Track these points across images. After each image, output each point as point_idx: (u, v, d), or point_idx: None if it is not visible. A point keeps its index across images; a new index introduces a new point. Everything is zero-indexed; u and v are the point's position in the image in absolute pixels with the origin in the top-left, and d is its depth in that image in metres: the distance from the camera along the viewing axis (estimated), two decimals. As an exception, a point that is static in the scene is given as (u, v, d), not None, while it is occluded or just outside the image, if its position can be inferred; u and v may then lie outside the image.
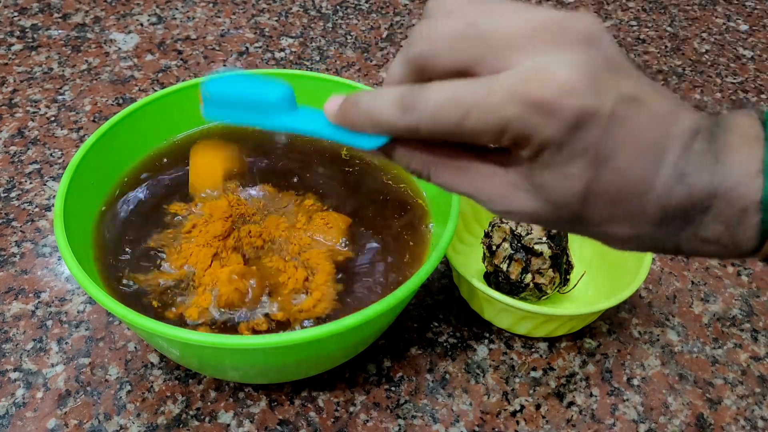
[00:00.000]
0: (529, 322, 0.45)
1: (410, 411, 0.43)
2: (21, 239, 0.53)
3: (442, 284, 0.52)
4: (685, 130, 0.23)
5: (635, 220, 0.24)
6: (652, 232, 0.24)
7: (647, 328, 0.50)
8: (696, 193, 0.23)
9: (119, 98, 0.67)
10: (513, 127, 0.22)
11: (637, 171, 0.23)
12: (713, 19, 0.88)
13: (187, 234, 0.43)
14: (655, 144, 0.23)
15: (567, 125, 0.22)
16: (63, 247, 0.37)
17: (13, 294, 0.49)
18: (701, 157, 0.23)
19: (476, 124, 0.22)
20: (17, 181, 0.57)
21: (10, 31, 0.76)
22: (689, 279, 0.54)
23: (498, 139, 0.23)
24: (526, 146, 0.23)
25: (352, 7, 0.85)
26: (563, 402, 0.45)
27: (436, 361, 0.46)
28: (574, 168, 0.23)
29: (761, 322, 0.51)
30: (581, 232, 0.26)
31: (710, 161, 0.23)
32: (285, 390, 0.44)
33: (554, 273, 0.46)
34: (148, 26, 0.78)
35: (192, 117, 0.50)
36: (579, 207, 0.24)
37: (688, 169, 0.23)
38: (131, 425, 0.41)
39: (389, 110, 0.24)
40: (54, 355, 0.45)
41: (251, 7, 0.83)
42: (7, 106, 0.65)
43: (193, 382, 0.44)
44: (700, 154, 0.23)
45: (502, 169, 0.25)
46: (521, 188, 0.24)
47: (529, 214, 0.25)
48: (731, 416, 0.45)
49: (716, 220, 0.23)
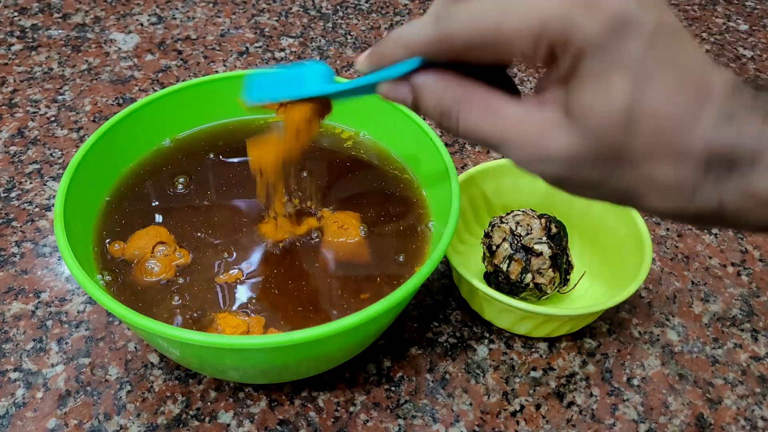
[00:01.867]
0: (529, 322, 0.45)
1: (410, 411, 0.43)
2: (21, 239, 0.53)
3: (442, 284, 0.52)
4: (728, 80, 0.22)
5: (680, 160, 0.22)
6: (695, 179, 0.23)
7: (647, 328, 0.50)
8: (746, 137, 0.22)
9: (119, 98, 0.67)
10: (553, 26, 0.21)
11: (682, 101, 0.22)
12: (713, 19, 0.88)
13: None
14: (698, 78, 0.22)
15: (609, 25, 0.21)
16: (63, 247, 0.37)
17: (13, 294, 0.49)
18: (750, 107, 0.22)
19: (515, 25, 0.21)
20: (17, 181, 0.57)
21: (10, 31, 0.76)
22: (689, 279, 0.54)
23: (536, 44, 0.22)
24: (564, 55, 0.22)
25: (352, 7, 0.85)
26: (563, 402, 0.45)
27: (436, 361, 0.46)
28: (615, 81, 0.21)
29: (761, 322, 0.51)
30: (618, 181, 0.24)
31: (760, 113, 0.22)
32: (285, 390, 0.44)
33: (554, 273, 0.46)
34: (148, 26, 0.78)
35: (192, 117, 0.50)
36: (620, 134, 0.22)
37: (738, 113, 0.22)
38: (131, 425, 0.41)
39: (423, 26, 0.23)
40: (54, 355, 0.45)
41: (251, 7, 0.83)
42: (7, 106, 0.65)
43: (193, 382, 0.44)
44: (748, 103, 0.22)
45: (537, 107, 0.24)
46: (557, 125, 0.23)
47: (563, 158, 0.23)
48: (731, 416, 0.45)
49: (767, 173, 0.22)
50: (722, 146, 0.22)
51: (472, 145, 0.64)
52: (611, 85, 0.21)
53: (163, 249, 0.42)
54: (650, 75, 0.21)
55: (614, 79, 0.21)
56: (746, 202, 0.23)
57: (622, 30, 0.21)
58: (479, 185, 0.52)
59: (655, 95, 0.21)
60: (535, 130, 0.23)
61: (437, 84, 0.25)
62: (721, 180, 0.23)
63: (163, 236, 0.42)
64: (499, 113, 0.24)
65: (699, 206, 0.24)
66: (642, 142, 0.22)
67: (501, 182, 0.53)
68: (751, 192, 0.23)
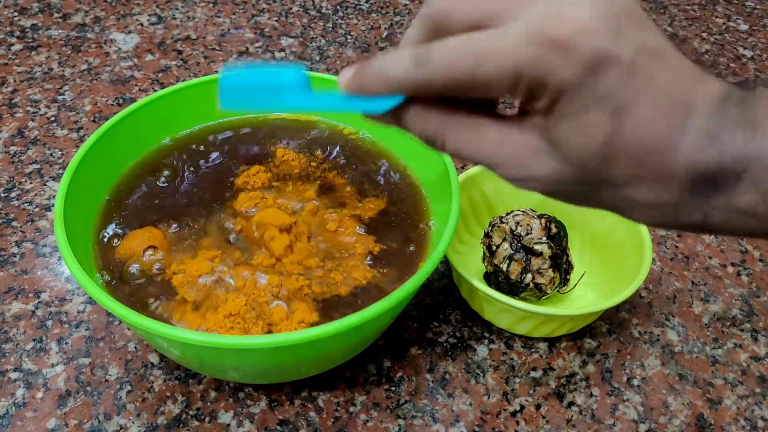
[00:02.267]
0: (529, 322, 0.45)
1: (410, 411, 0.43)
2: (21, 239, 0.53)
3: (442, 284, 0.52)
4: (714, 92, 0.22)
5: (662, 183, 0.23)
6: (679, 198, 0.23)
7: (647, 328, 0.50)
8: (729, 155, 0.22)
9: (119, 98, 0.67)
10: (528, 71, 0.21)
11: (662, 126, 0.22)
12: (713, 19, 0.88)
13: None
14: (680, 101, 0.22)
15: (583, 66, 0.21)
16: (63, 247, 0.37)
17: (13, 294, 0.49)
18: (734, 121, 0.22)
19: (491, 70, 0.22)
20: (17, 181, 0.57)
21: (10, 31, 0.76)
22: (689, 279, 0.54)
23: (513, 87, 0.22)
24: (542, 95, 0.22)
25: (352, 7, 0.85)
26: (563, 402, 0.45)
27: (436, 361, 0.46)
28: (592, 117, 0.22)
29: (761, 322, 0.51)
30: (603, 199, 0.24)
31: (744, 126, 0.22)
32: (285, 390, 0.44)
33: (554, 273, 0.46)
34: (148, 26, 0.78)
35: (192, 117, 0.50)
36: (600, 164, 0.23)
37: (720, 131, 0.22)
38: (131, 425, 0.41)
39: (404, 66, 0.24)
40: (54, 355, 0.45)
41: (251, 7, 0.83)
42: (7, 106, 0.65)
43: (193, 382, 0.44)
44: (732, 118, 0.22)
45: (518, 131, 0.24)
46: (539, 150, 0.23)
47: (547, 180, 0.24)
48: (731, 416, 0.45)
49: (751, 188, 0.22)
50: (706, 166, 0.22)
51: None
52: (589, 122, 0.22)
53: (150, 253, 0.41)
54: (628, 107, 0.21)
55: (592, 116, 0.22)
56: (731, 216, 0.23)
57: (599, 67, 0.21)
58: (479, 185, 0.52)
59: (634, 125, 0.22)
60: (518, 153, 0.24)
61: (419, 116, 0.26)
62: (706, 197, 0.23)
63: (156, 239, 0.42)
64: (481, 137, 0.25)
65: (684, 221, 0.24)
66: (623, 169, 0.23)
67: (501, 182, 0.52)
68: (735, 207, 0.23)
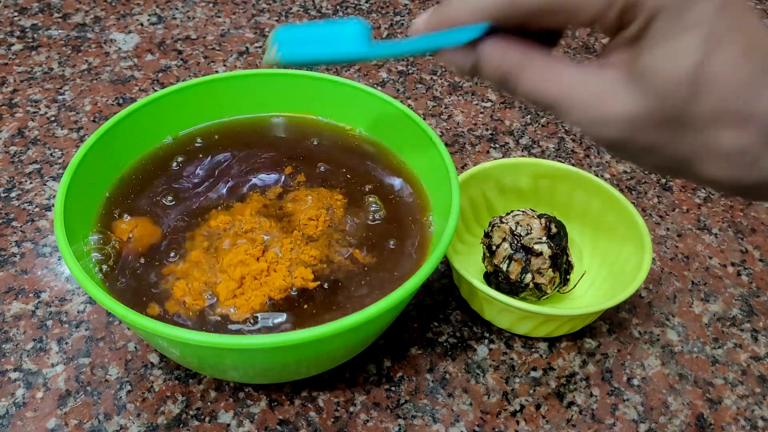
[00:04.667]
0: (529, 322, 0.45)
1: (410, 411, 0.43)
2: (21, 239, 0.53)
3: (442, 284, 0.52)
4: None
5: (744, 126, 0.22)
6: (759, 146, 0.23)
7: (647, 328, 0.50)
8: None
9: (119, 98, 0.67)
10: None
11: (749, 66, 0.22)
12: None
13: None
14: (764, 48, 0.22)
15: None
16: (63, 247, 0.37)
17: (13, 294, 0.49)
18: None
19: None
20: (17, 181, 0.57)
21: (10, 31, 0.76)
22: (689, 279, 0.54)
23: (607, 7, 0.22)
24: (634, 18, 0.22)
25: (352, 7, 0.85)
26: (563, 402, 0.45)
27: (436, 361, 0.46)
28: (683, 44, 0.21)
29: (761, 322, 0.51)
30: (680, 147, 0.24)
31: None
32: (285, 390, 0.44)
33: (554, 273, 0.46)
34: (148, 26, 0.78)
35: (192, 117, 0.50)
36: (686, 96, 0.22)
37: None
38: (131, 425, 0.41)
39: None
40: (54, 355, 0.45)
41: (251, 7, 0.83)
42: (7, 106, 0.65)
43: (193, 382, 0.44)
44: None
45: (598, 69, 0.24)
46: (621, 84, 0.23)
47: (626, 119, 0.23)
48: (731, 416, 0.45)
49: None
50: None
51: (472, 145, 0.64)
52: (681, 45, 0.22)
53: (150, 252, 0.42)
54: (719, 39, 0.21)
55: (685, 40, 0.21)
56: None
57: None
58: (479, 185, 0.52)
59: (723, 59, 0.22)
60: (598, 91, 0.23)
61: (499, 50, 0.25)
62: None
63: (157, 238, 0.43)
64: (559, 76, 0.24)
65: (758, 175, 0.23)
66: (707, 106, 0.22)
67: (501, 182, 0.53)
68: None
